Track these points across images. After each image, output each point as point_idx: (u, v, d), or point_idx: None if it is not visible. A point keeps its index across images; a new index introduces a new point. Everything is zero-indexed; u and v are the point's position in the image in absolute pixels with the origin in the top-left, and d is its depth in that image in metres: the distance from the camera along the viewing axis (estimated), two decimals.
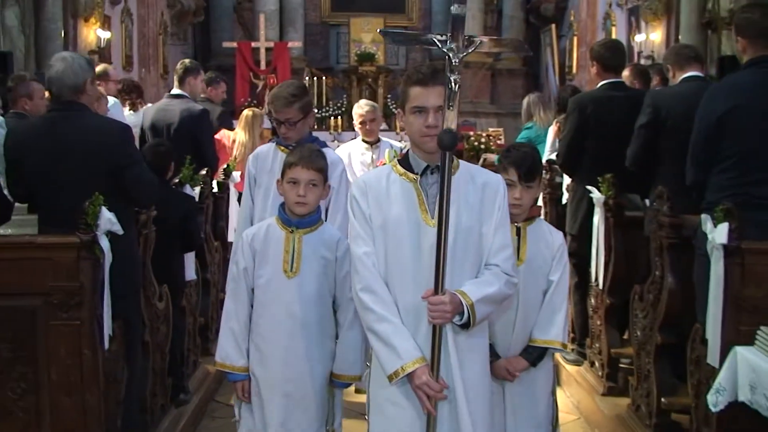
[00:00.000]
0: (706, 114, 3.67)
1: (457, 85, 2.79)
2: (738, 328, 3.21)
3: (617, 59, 5.16)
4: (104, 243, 3.30)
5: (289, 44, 16.52)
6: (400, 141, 10.31)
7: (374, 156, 6.12)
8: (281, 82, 4.95)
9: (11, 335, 3.25)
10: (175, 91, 6.20)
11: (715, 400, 3.19)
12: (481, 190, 2.98)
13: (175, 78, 6.30)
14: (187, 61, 6.46)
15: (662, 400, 3.97)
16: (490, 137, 12.73)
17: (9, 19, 9.50)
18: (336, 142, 13.78)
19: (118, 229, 3.40)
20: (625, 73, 5.67)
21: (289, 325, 3.39)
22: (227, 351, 3.46)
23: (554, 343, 3.35)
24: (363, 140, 6.19)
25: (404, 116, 2.98)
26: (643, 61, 11.36)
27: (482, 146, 12.12)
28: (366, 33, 17.28)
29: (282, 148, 4.24)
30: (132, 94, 7.56)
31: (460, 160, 3.02)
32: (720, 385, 3.18)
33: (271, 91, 4.54)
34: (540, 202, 5.58)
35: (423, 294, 2.81)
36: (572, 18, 15.69)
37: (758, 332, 3.12)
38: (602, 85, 5.15)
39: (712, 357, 3.33)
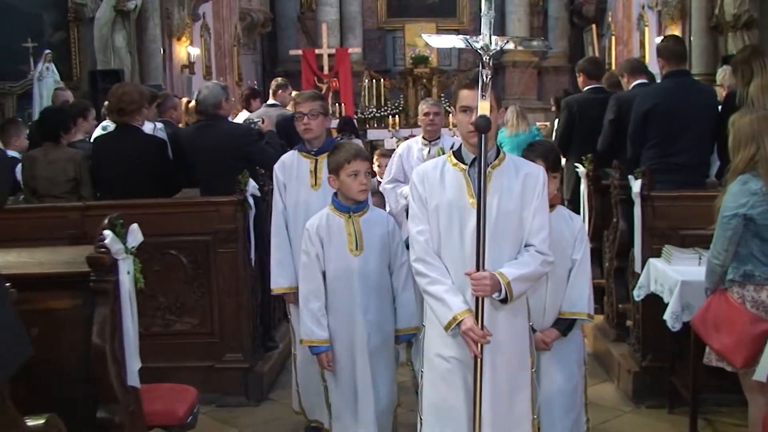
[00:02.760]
0: (638, 110, 5.69)
1: (488, 78, 3.26)
2: (651, 247, 5.20)
3: (597, 70, 7.19)
4: (250, 200, 5.45)
5: (350, 50, 18.50)
6: (452, 136, 11.88)
7: (430, 152, 6.48)
8: None
9: (194, 258, 5.41)
10: (271, 101, 8.43)
11: (638, 293, 5.19)
12: (523, 179, 3.42)
13: (271, 91, 8.54)
14: (279, 79, 8.70)
15: (619, 306, 5.96)
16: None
17: (118, 41, 11.63)
18: (394, 138, 15.77)
19: (257, 192, 5.54)
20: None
21: (362, 295, 4.07)
22: (310, 328, 4.10)
23: (581, 314, 3.88)
24: (423, 137, 6.63)
25: (456, 114, 3.49)
26: None
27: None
28: (420, 37, 19.26)
29: (304, 154, 4.80)
30: (251, 99, 9.58)
31: (507, 153, 3.51)
32: (641, 283, 5.17)
33: (295, 93, 5.60)
34: None
35: (466, 271, 3.30)
36: (610, 19, 17.41)
37: (663, 249, 5.10)
38: (586, 90, 7.17)
39: (637, 267, 5.34)
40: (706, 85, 6.11)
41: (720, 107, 5.72)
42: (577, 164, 6.77)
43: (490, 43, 3.32)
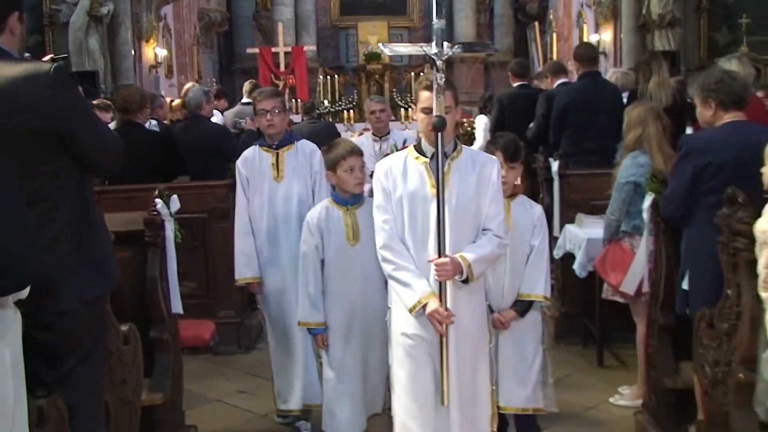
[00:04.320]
0: (558, 104, 7.11)
1: (443, 81, 3.57)
2: (567, 215, 6.60)
3: (523, 70, 8.61)
4: None
5: (305, 48, 19.51)
6: (404, 129, 13.04)
7: (381, 147, 6.91)
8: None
9: (194, 232, 6.68)
10: (245, 100, 9.71)
11: (557, 253, 6.56)
12: (479, 170, 3.74)
13: (245, 91, 9.83)
14: (253, 81, 9.99)
15: None
16: None
17: (91, 44, 12.62)
18: (349, 132, 16.98)
19: None
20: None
21: (360, 281, 4.37)
22: (308, 311, 4.43)
23: (538, 296, 4.25)
24: (373, 134, 7.04)
25: (417, 112, 3.79)
26: None
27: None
28: (372, 35, 20.51)
29: (265, 148, 5.10)
30: (221, 99, 10.88)
31: (463, 146, 3.84)
32: (559, 245, 6.55)
33: (256, 90, 5.79)
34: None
35: (428, 258, 3.62)
36: (551, 16, 18.84)
37: (576, 216, 6.48)
38: (515, 86, 8.56)
39: (556, 231, 6.72)
40: (613, 84, 7.53)
41: (625, 101, 7.14)
42: None
43: (442, 50, 3.63)
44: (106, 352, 3.45)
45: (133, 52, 13.32)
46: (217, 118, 9.84)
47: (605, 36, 14.45)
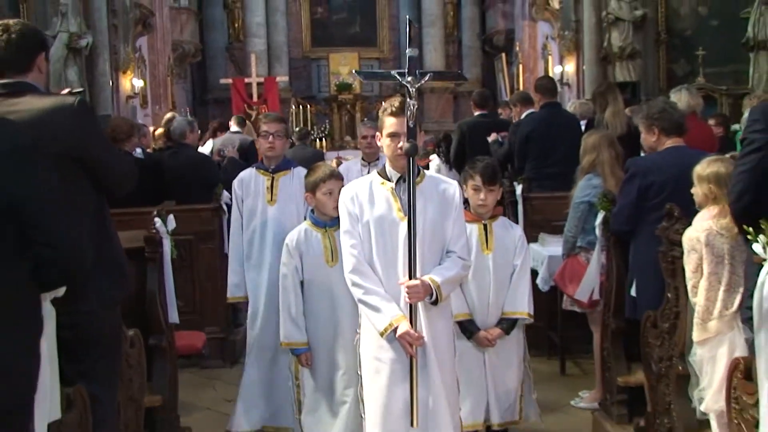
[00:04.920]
0: (520, 132, 7.69)
1: (415, 107, 3.67)
2: (531, 234, 7.10)
3: (483, 101, 9.14)
4: (224, 207, 7.22)
5: (277, 78, 19.96)
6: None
7: (369, 172, 6.82)
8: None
9: (181, 253, 7.11)
10: (234, 129, 10.36)
11: None
12: (442, 193, 3.85)
13: (233, 122, 10.49)
14: (240, 115, 10.67)
15: None
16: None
17: (70, 75, 12.95)
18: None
19: (229, 201, 7.31)
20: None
21: (340, 301, 4.47)
22: (290, 332, 4.57)
23: (522, 313, 4.48)
24: (362, 158, 6.94)
25: (381, 138, 3.85)
26: (560, 88, 15.35)
27: None
28: (343, 66, 21.10)
29: (261, 171, 5.35)
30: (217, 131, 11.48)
31: (425, 171, 3.98)
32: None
33: (262, 114, 6.71)
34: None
35: (399, 281, 3.70)
36: (518, 48, 19.53)
37: (539, 236, 7.02)
38: (476, 116, 9.12)
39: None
40: (572, 114, 8.13)
41: (584, 129, 7.72)
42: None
43: (416, 77, 3.71)
44: (122, 350, 3.92)
45: (111, 83, 13.72)
46: (209, 145, 10.36)
47: (568, 68, 15.12)
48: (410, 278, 3.68)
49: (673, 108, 4.89)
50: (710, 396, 3.81)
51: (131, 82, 14.81)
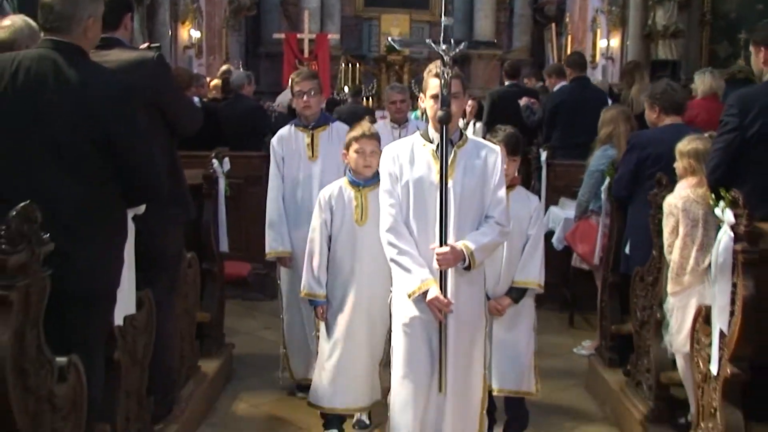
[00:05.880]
0: (549, 104, 8.35)
1: (449, 75, 3.71)
2: (553, 198, 7.82)
3: (514, 71, 9.84)
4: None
5: (329, 36, 20.40)
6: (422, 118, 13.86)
7: (399, 135, 6.67)
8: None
9: (234, 194, 7.92)
10: None
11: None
12: (484, 158, 3.86)
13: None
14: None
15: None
16: None
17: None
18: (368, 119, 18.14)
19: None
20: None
21: (365, 261, 4.56)
22: (310, 283, 4.65)
23: (532, 283, 4.47)
24: (391, 121, 7.06)
25: (425, 99, 3.87)
26: (604, 62, 15.90)
27: None
28: (395, 27, 21.58)
29: (301, 128, 5.39)
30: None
31: (468, 135, 3.98)
32: (543, 223, 7.77)
33: (294, 72, 5.78)
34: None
35: (431, 246, 3.74)
36: (568, 19, 19.88)
37: (560, 200, 7.70)
38: (506, 85, 9.85)
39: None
40: (599, 88, 8.80)
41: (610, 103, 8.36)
42: None
43: (451, 47, 3.75)
44: (181, 267, 4.73)
45: (170, 33, 14.45)
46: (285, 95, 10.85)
47: (613, 42, 15.59)
48: (441, 244, 3.74)
49: (674, 89, 5.54)
50: (679, 339, 4.51)
51: (189, 33, 15.52)
